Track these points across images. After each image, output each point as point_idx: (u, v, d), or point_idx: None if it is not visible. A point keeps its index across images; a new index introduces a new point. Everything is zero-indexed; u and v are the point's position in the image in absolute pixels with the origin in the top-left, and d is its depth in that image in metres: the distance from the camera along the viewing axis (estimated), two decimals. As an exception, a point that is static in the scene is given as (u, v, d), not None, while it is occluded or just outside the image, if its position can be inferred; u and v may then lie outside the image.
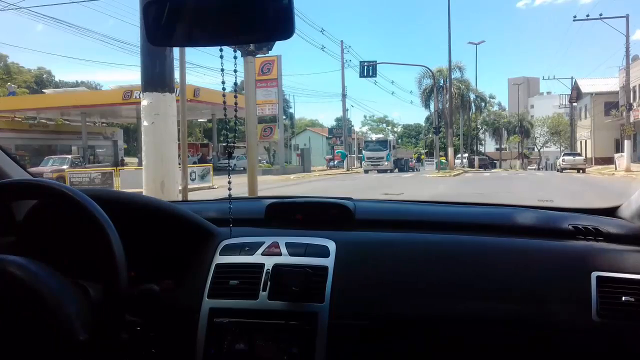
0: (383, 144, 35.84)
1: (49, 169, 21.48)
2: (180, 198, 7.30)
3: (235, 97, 1.28)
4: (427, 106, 46.87)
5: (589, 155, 39.81)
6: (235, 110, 1.31)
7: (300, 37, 28.76)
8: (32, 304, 0.93)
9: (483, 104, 55.25)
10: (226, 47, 1.21)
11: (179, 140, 7.15)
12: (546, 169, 50.18)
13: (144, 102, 6.11)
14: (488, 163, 50.38)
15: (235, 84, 1.27)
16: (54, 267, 1.00)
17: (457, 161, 39.95)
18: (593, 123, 41.04)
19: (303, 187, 18.95)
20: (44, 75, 55.39)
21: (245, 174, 9.62)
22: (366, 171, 33.71)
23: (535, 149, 62.13)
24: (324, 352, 1.18)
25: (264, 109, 30.18)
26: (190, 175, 15.50)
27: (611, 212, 1.57)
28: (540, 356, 1.19)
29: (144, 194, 5.64)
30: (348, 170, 35.39)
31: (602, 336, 1.16)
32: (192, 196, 10.43)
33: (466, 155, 47.56)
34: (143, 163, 6.38)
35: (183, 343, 1.24)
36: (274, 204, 1.57)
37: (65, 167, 22.22)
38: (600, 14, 27.01)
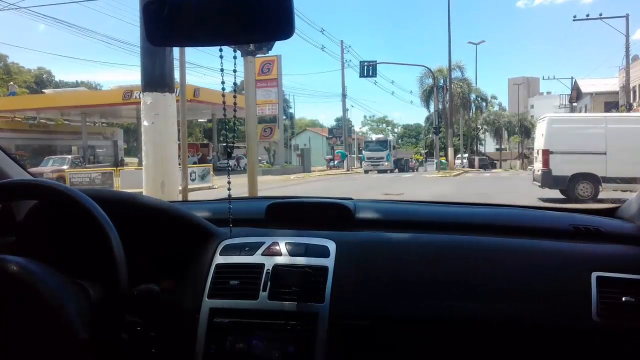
0: (383, 144, 35.80)
1: (49, 169, 21.44)
2: (180, 198, 7.29)
3: (235, 97, 1.28)
4: (427, 106, 46.84)
5: (589, 156, 39.73)
6: (235, 111, 1.31)
7: (300, 37, 28.78)
8: (32, 304, 0.93)
9: (484, 104, 55.23)
10: (226, 47, 1.21)
11: (179, 140, 7.15)
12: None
13: (144, 102, 6.11)
14: (488, 163, 50.27)
15: (235, 84, 1.26)
16: (54, 267, 1.00)
17: (457, 161, 39.89)
18: (593, 123, 40.97)
19: (303, 187, 18.94)
20: (44, 75, 55.33)
21: (245, 174, 9.62)
22: (366, 171, 33.65)
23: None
24: (324, 352, 1.18)
25: (264, 109, 30.21)
26: (190, 176, 15.50)
27: (611, 212, 1.57)
28: (540, 356, 1.19)
29: (144, 194, 5.64)
30: (348, 170, 35.36)
31: (602, 336, 1.16)
32: (192, 196, 10.42)
33: (466, 155, 47.46)
34: (143, 163, 6.37)
35: (183, 343, 1.24)
36: (274, 204, 1.57)
37: (65, 167, 22.16)
38: (600, 14, 27.05)
